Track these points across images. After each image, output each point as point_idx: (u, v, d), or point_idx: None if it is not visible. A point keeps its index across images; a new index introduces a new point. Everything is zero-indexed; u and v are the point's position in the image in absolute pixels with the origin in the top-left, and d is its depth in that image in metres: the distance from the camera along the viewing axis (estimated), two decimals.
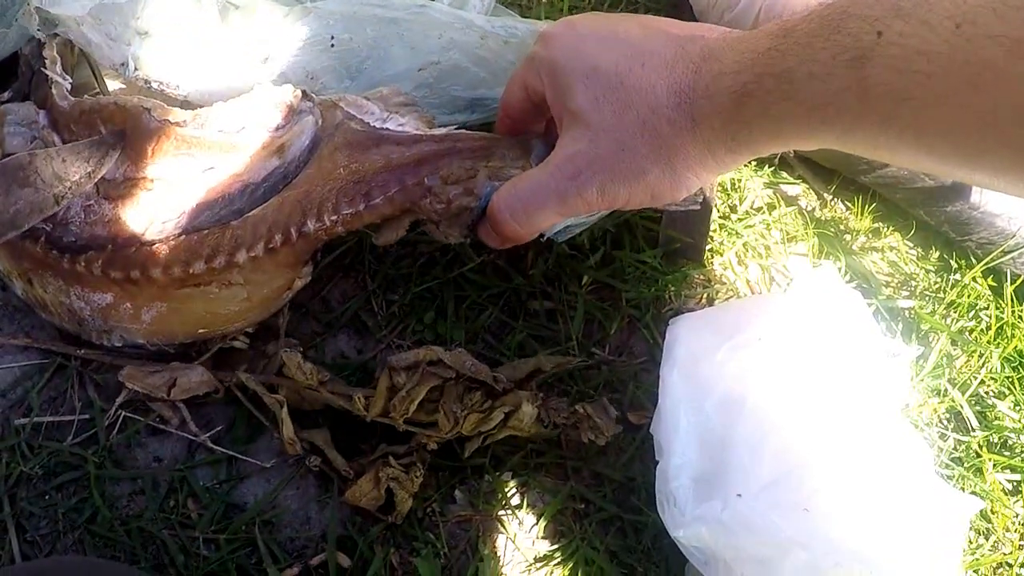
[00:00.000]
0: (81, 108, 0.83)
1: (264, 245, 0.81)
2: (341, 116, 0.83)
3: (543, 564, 0.88)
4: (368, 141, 0.81)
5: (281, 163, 0.83)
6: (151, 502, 0.85)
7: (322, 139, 0.83)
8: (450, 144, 0.80)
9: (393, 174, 0.80)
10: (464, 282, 0.92)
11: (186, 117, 0.82)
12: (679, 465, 0.81)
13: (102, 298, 0.84)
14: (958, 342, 1.02)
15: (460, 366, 0.85)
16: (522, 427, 0.85)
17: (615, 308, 0.95)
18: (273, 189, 0.83)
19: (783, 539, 0.75)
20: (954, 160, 0.56)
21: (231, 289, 0.84)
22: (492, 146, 0.80)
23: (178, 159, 0.82)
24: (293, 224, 0.81)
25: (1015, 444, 1.00)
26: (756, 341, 0.84)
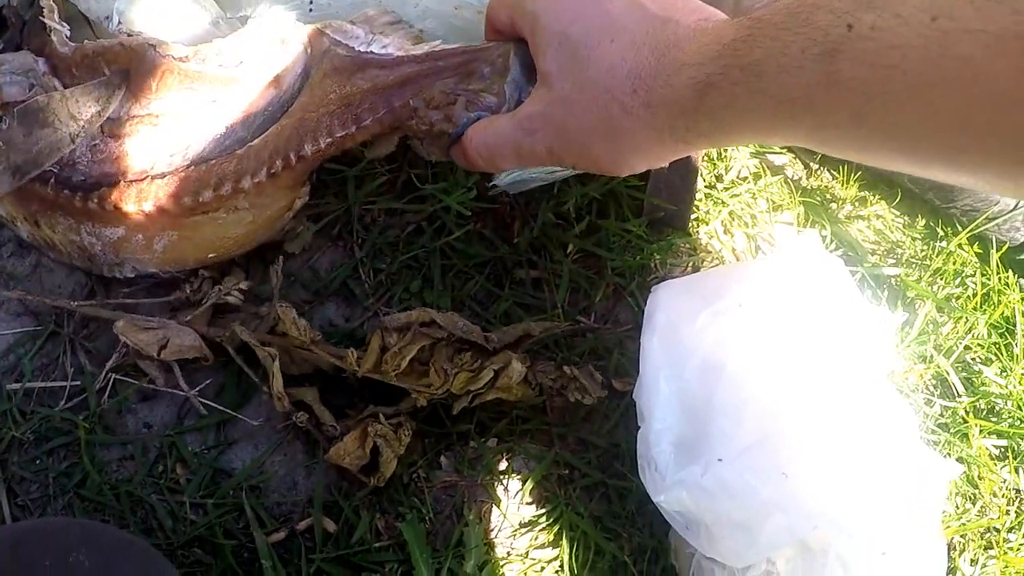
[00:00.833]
0: (83, 52, 0.86)
1: (267, 171, 0.84)
2: (328, 43, 0.85)
3: (528, 529, 0.89)
4: (353, 66, 0.84)
5: (278, 92, 0.86)
6: (140, 467, 0.86)
7: (312, 66, 0.85)
8: (431, 63, 0.82)
9: (380, 96, 0.82)
10: (450, 251, 0.93)
11: (188, 52, 0.85)
12: (659, 430, 0.82)
13: (114, 232, 0.86)
14: (944, 309, 1.02)
15: (453, 327, 0.86)
16: (510, 386, 0.86)
17: (600, 276, 0.95)
18: (272, 118, 0.85)
19: (762, 503, 0.76)
20: (929, 159, 0.55)
21: (238, 213, 0.86)
22: (471, 62, 0.82)
23: (181, 94, 0.85)
24: (292, 149, 0.83)
25: (1002, 410, 1.01)
26: (736, 307, 0.84)
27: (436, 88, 0.81)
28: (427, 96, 0.81)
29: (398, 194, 0.93)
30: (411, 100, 0.82)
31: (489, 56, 0.81)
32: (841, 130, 0.58)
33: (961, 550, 0.97)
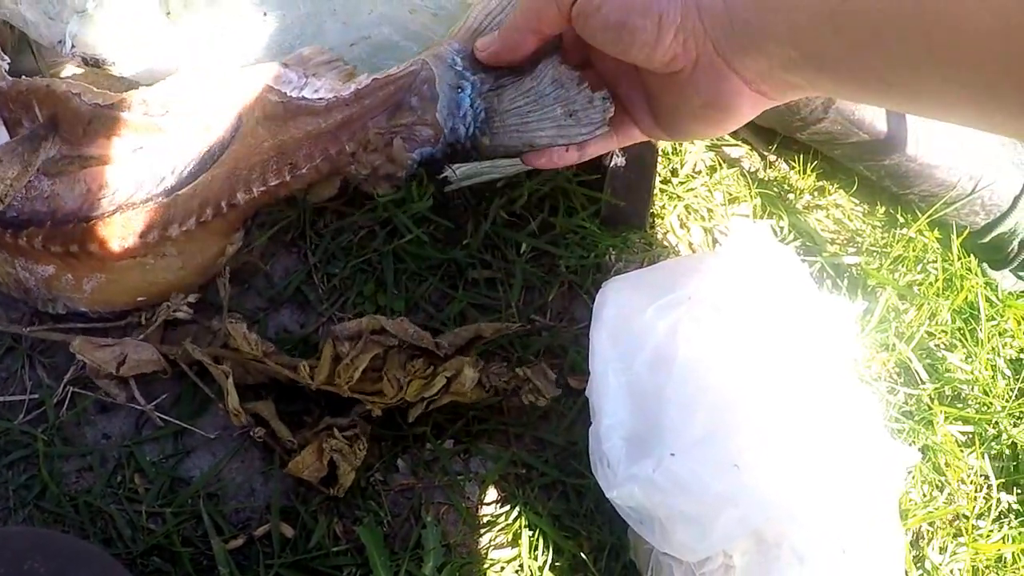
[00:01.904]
0: (18, 89, 0.87)
1: (196, 219, 0.85)
2: (260, 89, 0.85)
3: (486, 529, 0.89)
4: (286, 113, 0.85)
5: (208, 142, 0.87)
6: (99, 478, 0.87)
7: (244, 114, 0.85)
8: (360, 105, 0.83)
9: (316, 145, 0.84)
10: (403, 253, 0.93)
11: (112, 100, 0.86)
12: (610, 425, 0.81)
13: (45, 270, 0.87)
14: (906, 296, 1.02)
15: (403, 334, 0.86)
16: (464, 391, 0.86)
17: (554, 275, 0.95)
18: (201, 167, 0.86)
19: (714, 496, 0.76)
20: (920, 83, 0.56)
21: (166, 260, 0.88)
22: (397, 93, 0.82)
23: (110, 140, 0.86)
24: (223, 198, 0.85)
25: (967, 396, 1.00)
26: (686, 300, 0.84)
27: (370, 129, 0.82)
28: (362, 139, 0.82)
29: (350, 199, 0.93)
30: (347, 146, 0.83)
31: (414, 85, 0.82)
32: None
33: (930, 538, 0.96)
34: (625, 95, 0.77)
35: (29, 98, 0.86)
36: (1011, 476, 1.00)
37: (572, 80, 0.77)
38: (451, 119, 0.81)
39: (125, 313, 0.90)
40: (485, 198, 0.95)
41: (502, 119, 0.80)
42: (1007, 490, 0.99)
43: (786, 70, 0.63)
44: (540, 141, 0.80)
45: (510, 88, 0.80)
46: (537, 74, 0.78)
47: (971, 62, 0.52)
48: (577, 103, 0.77)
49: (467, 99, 0.80)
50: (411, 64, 0.83)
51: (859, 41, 0.57)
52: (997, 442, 1.00)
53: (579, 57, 0.78)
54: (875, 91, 0.61)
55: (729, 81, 0.66)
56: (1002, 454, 1.00)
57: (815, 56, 0.60)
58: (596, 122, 0.77)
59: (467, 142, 0.82)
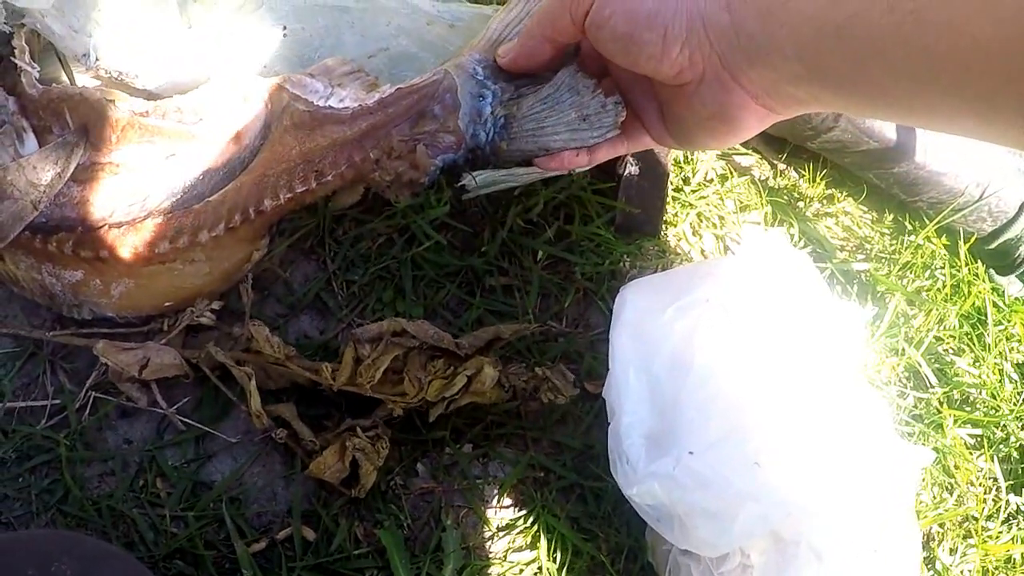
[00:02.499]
0: (49, 96, 0.87)
1: (225, 225, 0.86)
2: (287, 98, 0.86)
3: (505, 532, 0.90)
4: (313, 121, 0.86)
5: (238, 149, 0.87)
6: (121, 482, 0.87)
7: (272, 122, 0.86)
8: (383, 113, 0.85)
9: (341, 152, 0.85)
10: (422, 261, 0.94)
11: (148, 108, 0.87)
12: (630, 424, 0.82)
13: (72, 275, 0.87)
14: (915, 301, 1.03)
15: (423, 335, 0.87)
16: (484, 391, 0.87)
17: (570, 281, 0.97)
18: (231, 174, 0.87)
19: (734, 493, 0.77)
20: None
21: (194, 265, 0.88)
22: (420, 102, 0.84)
23: (141, 146, 0.87)
24: (251, 204, 0.86)
25: (976, 399, 1.02)
26: (704, 302, 0.85)
27: (394, 137, 0.84)
28: (386, 147, 0.84)
29: (369, 206, 0.94)
30: (371, 153, 0.85)
31: (437, 94, 0.84)
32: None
33: (940, 540, 0.98)
34: (638, 103, 0.79)
35: (60, 106, 0.86)
36: (1019, 478, 1.01)
37: (587, 87, 0.79)
38: (472, 126, 0.83)
39: (150, 318, 0.90)
40: (502, 206, 0.96)
41: (520, 125, 0.83)
42: (1016, 492, 1.01)
43: (791, 84, 0.64)
44: (554, 144, 0.82)
45: (529, 96, 0.82)
46: (555, 82, 0.80)
47: (972, 73, 0.53)
48: (591, 108, 0.80)
49: (488, 107, 0.83)
50: (433, 74, 0.85)
51: (863, 55, 0.58)
52: (1005, 445, 1.02)
53: (597, 66, 0.80)
54: (879, 105, 0.63)
55: (735, 95, 0.68)
56: (1010, 456, 1.02)
57: (820, 70, 0.62)
58: (608, 125, 0.80)
59: (487, 148, 0.84)
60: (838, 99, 0.64)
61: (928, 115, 0.61)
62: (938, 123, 0.62)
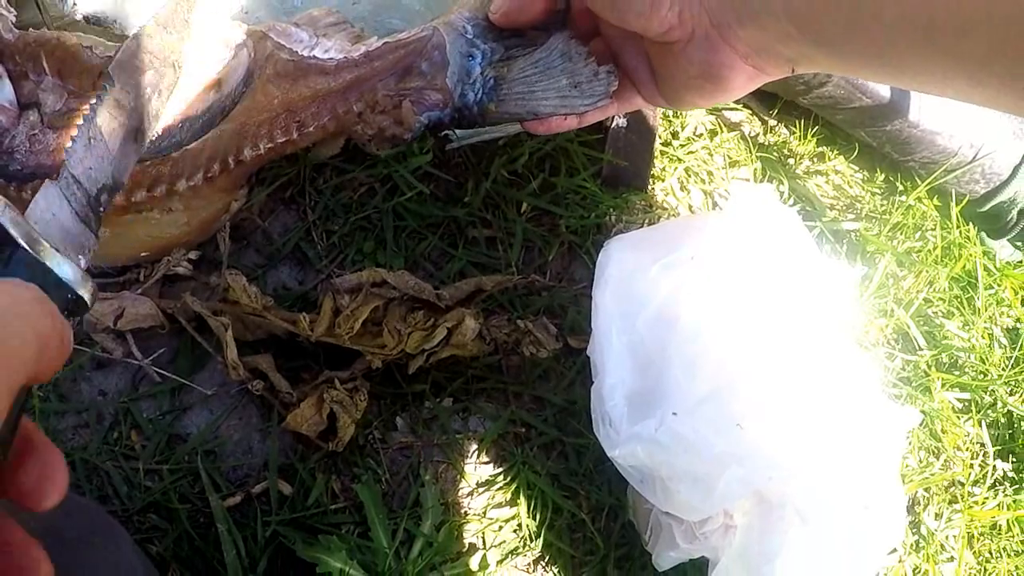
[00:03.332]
0: (25, 41, 0.85)
1: (203, 174, 0.84)
2: (271, 47, 0.84)
3: (485, 488, 0.88)
4: (297, 71, 0.83)
5: (218, 97, 0.85)
6: (95, 434, 0.86)
7: (255, 70, 0.84)
8: (369, 66, 0.82)
9: (324, 104, 0.82)
10: (404, 211, 0.93)
11: None
12: (613, 385, 0.81)
13: None
14: (905, 263, 1.02)
15: (403, 285, 0.86)
16: (464, 343, 0.86)
17: (554, 234, 0.95)
18: (211, 122, 0.84)
19: (717, 455, 0.76)
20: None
21: (172, 215, 0.86)
22: (407, 57, 0.82)
23: None
24: (231, 153, 0.83)
25: (964, 363, 1.01)
26: (688, 259, 0.84)
27: (379, 91, 0.82)
28: (370, 100, 0.82)
29: (350, 155, 0.92)
30: (355, 106, 0.82)
31: (425, 50, 0.81)
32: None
33: (925, 504, 0.97)
34: (628, 62, 0.77)
35: (37, 50, 0.84)
36: (1007, 444, 1.00)
37: (580, 54, 0.77)
38: (460, 85, 0.81)
39: (126, 269, 0.89)
40: (486, 157, 0.94)
41: (509, 87, 0.81)
42: (1003, 458, 1.00)
43: (782, 44, 0.63)
44: (544, 109, 0.80)
45: (520, 59, 0.80)
46: (548, 46, 0.79)
47: (968, 36, 0.52)
48: (583, 75, 0.78)
49: (477, 67, 0.81)
50: (422, 29, 0.83)
51: (856, 16, 0.57)
52: (993, 410, 1.01)
53: (588, 23, 0.78)
54: (872, 66, 0.62)
55: (723, 54, 0.66)
56: (998, 422, 1.01)
57: (811, 30, 0.60)
58: (599, 94, 0.78)
59: (475, 108, 0.82)
60: (830, 59, 0.63)
61: (922, 76, 0.59)
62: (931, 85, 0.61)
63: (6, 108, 0.85)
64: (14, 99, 0.85)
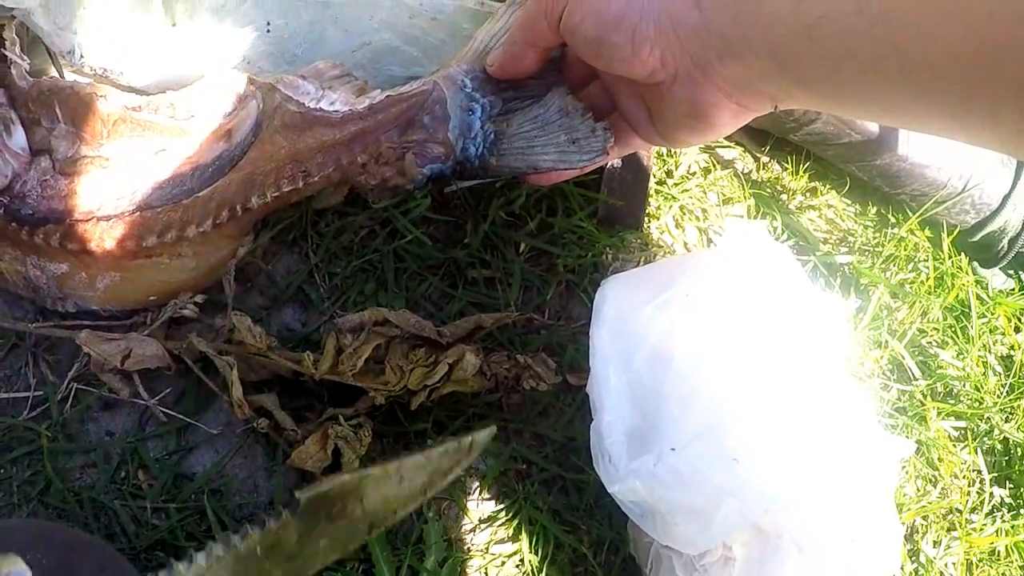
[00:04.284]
0: (39, 89, 0.88)
1: (212, 221, 0.86)
2: (279, 99, 0.87)
3: (487, 524, 0.90)
4: (304, 123, 0.86)
5: (228, 147, 0.88)
6: (102, 474, 0.88)
7: (263, 122, 0.86)
8: (373, 118, 0.85)
9: (329, 154, 0.85)
10: (404, 253, 0.94)
11: (140, 102, 0.88)
12: (611, 422, 0.82)
13: (58, 267, 0.88)
14: (898, 294, 1.04)
15: (405, 323, 0.87)
16: (465, 378, 0.87)
17: (552, 273, 0.97)
18: (220, 171, 0.87)
19: (714, 489, 0.77)
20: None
21: (181, 260, 0.89)
22: (409, 111, 0.84)
23: (132, 140, 0.87)
24: (239, 201, 0.86)
25: (959, 392, 1.02)
26: (683, 297, 0.85)
27: (383, 143, 0.85)
28: (374, 152, 0.85)
29: (350, 200, 0.94)
30: (359, 156, 0.85)
31: (426, 104, 0.84)
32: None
33: (924, 532, 0.98)
34: (625, 104, 0.79)
35: (50, 98, 0.87)
36: (1003, 471, 1.01)
37: (577, 109, 0.80)
38: (462, 139, 0.83)
39: (133, 313, 0.91)
40: (484, 198, 0.96)
41: (509, 142, 0.83)
42: (999, 484, 1.01)
43: (764, 82, 0.65)
44: (543, 164, 0.82)
45: (519, 113, 0.83)
46: (545, 102, 0.81)
47: (944, 78, 0.53)
48: (580, 131, 0.80)
49: (478, 121, 0.83)
50: (423, 84, 0.85)
51: (835, 55, 0.58)
52: (989, 437, 1.02)
53: (584, 68, 0.80)
54: (853, 103, 0.63)
55: (707, 92, 0.68)
56: (994, 449, 1.02)
57: (792, 69, 0.62)
58: (596, 150, 0.81)
59: (476, 161, 0.84)
60: (811, 97, 0.65)
61: (902, 115, 0.61)
62: (913, 123, 0.62)
63: (18, 154, 0.87)
64: (26, 145, 0.88)
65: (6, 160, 0.86)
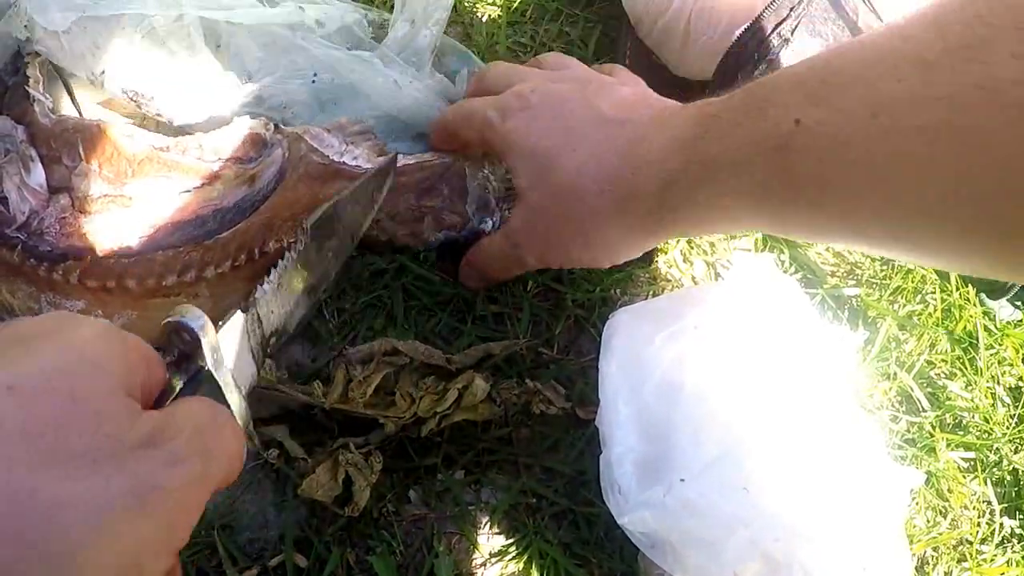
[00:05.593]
0: (64, 127, 0.89)
1: (231, 263, 0.87)
2: (305, 149, 0.89)
3: (498, 559, 0.89)
4: (326, 174, 0.88)
5: (251, 191, 0.89)
6: None
7: (287, 169, 0.88)
8: (395, 180, 0.87)
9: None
10: (414, 289, 0.95)
11: (169, 143, 0.89)
12: (621, 453, 0.83)
13: (74, 305, 0.88)
14: (906, 326, 1.04)
15: (414, 352, 0.88)
16: (475, 404, 0.87)
17: (561, 308, 0.97)
18: (241, 214, 0.88)
19: (724, 519, 0.77)
20: (885, 241, 0.58)
21: (197, 300, 0.89)
22: (429, 179, 0.88)
23: (157, 180, 0.89)
24: (257, 245, 0.87)
25: (968, 423, 1.02)
26: (692, 329, 0.86)
27: (400, 203, 0.88)
28: (391, 211, 0.88)
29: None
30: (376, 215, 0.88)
31: (446, 176, 0.88)
32: (803, 218, 0.61)
33: (934, 564, 0.97)
34: None
35: (75, 137, 0.88)
36: (1013, 501, 1.01)
37: None
38: (479, 214, 0.87)
39: None
40: None
41: None
42: (1010, 515, 1.01)
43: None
44: None
45: None
46: None
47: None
48: None
49: (493, 200, 0.87)
50: (443, 156, 0.89)
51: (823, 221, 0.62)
52: (999, 468, 1.02)
53: None
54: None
55: None
56: (1004, 480, 1.02)
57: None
58: None
59: (492, 233, 0.89)
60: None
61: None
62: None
63: (36, 191, 0.88)
64: (44, 182, 0.89)
65: (24, 197, 0.87)
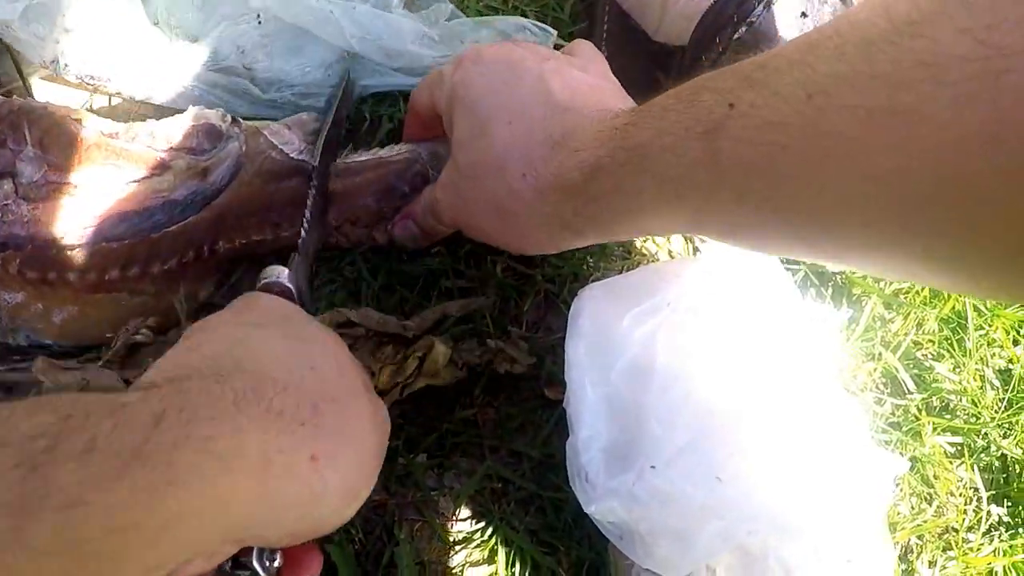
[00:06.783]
0: (9, 108, 0.84)
1: (178, 259, 0.83)
2: (264, 144, 0.86)
3: (462, 546, 0.86)
4: (283, 172, 0.85)
5: (203, 184, 0.86)
6: None
7: (244, 164, 0.85)
8: (350, 181, 0.86)
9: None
10: (377, 264, 0.91)
11: (118, 129, 0.85)
12: (588, 438, 0.79)
13: (13, 297, 0.84)
14: (892, 305, 1.00)
15: (368, 322, 0.84)
16: (436, 370, 0.83)
17: (530, 284, 0.93)
18: (192, 208, 0.85)
19: (696, 509, 0.73)
20: (813, 240, 0.55)
21: (141, 297, 0.85)
22: (389, 179, 0.85)
23: (104, 168, 0.84)
24: (206, 242, 0.84)
25: (955, 406, 0.98)
26: (664, 307, 0.82)
27: (359, 208, 0.86)
28: (350, 215, 0.86)
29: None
30: (333, 220, 0.86)
31: (404, 173, 0.85)
32: (724, 211, 0.57)
33: (919, 552, 0.94)
34: None
35: (20, 119, 0.83)
36: (1001, 488, 0.98)
37: None
38: None
39: (86, 348, 0.86)
40: None
41: None
42: (997, 502, 0.97)
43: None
44: None
45: None
46: None
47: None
48: None
49: None
50: (408, 152, 0.86)
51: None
52: (986, 454, 0.98)
53: None
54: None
55: None
56: (991, 466, 0.98)
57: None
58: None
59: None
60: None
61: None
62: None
63: None
64: None
65: None
